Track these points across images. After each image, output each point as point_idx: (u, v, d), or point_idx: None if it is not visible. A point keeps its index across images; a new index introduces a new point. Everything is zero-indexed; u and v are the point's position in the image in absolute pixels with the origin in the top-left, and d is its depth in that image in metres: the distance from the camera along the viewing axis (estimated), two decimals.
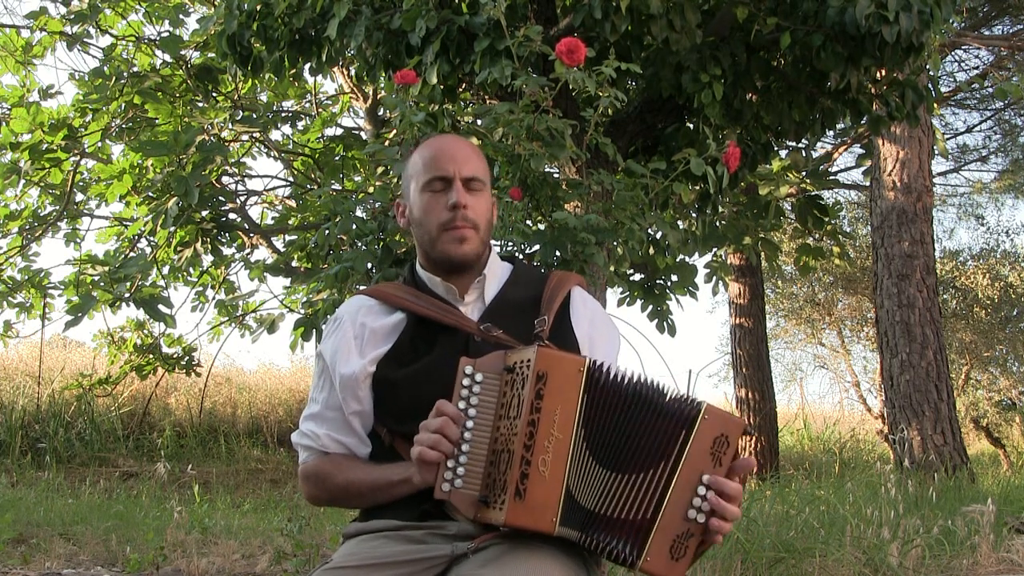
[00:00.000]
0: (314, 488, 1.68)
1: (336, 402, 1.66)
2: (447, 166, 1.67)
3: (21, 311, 7.57)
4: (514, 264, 1.80)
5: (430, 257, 1.71)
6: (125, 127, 7.36)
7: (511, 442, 1.42)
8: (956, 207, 13.88)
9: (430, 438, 1.46)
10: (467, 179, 1.67)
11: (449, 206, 1.65)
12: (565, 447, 1.42)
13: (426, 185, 1.68)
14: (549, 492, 1.40)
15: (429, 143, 1.75)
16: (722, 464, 1.44)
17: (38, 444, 7.79)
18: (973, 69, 10.78)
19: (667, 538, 1.42)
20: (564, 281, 1.74)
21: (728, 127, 4.28)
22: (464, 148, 1.73)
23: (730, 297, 9.27)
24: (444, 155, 1.69)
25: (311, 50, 4.22)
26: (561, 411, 1.42)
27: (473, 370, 1.50)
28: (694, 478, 1.43)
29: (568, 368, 1.44)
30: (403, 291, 1.71)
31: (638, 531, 1.42)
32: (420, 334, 1.65)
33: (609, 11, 3.47)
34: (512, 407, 1.45)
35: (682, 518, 1.43)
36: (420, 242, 1.72)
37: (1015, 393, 12.09)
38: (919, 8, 3.39)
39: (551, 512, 1.40)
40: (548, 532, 1.40)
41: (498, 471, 1.44)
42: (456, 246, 1.66)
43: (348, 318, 1.70)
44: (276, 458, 8.77)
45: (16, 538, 4.44)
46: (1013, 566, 3.58)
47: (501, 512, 1.40)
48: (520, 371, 1.46)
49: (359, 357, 1.65)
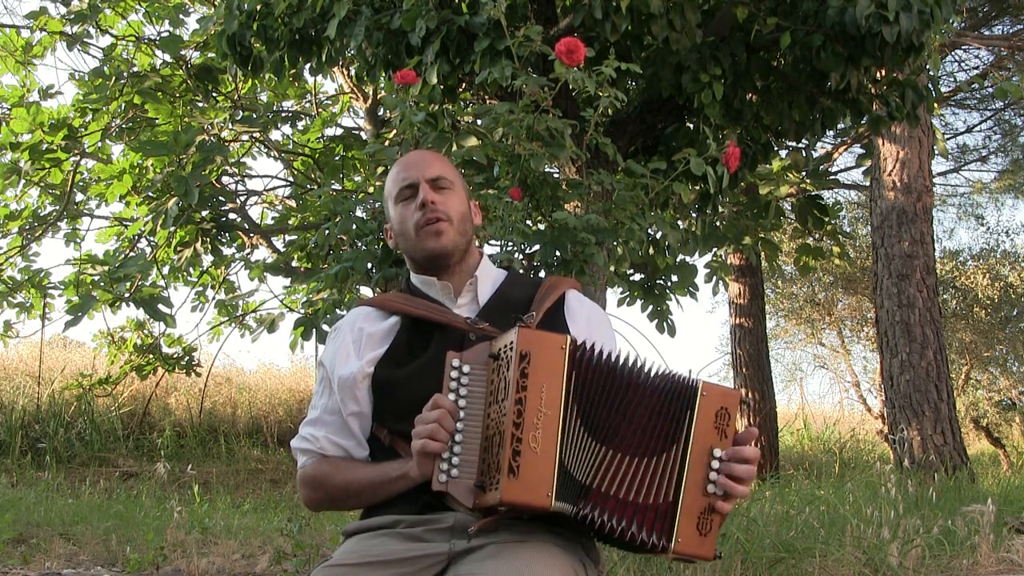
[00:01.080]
0: (313, 491, 1.70)
1: (335, 407, 1.69)
2: (410, 173, 1.76)
3: (21, 311, 7.58)
4: (509, 271, 1.85)
5: (416, 261, 1.77)
6: (125, 127, 7.36)
7: (502, 424, 1.44)
8: (956, 207, 13.89)
9: (428, 429, 1.48)
10: (432, 179, 1.75)
11: (418, 205, 1.72)
12: (555, 422, 1.43)
13: (397, 197, 1.77)
14: (542, 467, 1.41)
15: (396, 163, 1.84)
16: (727, 436, 1.49)
17: (38, 444, 7.78)
18: (973, 69, 10.78)
19: (692, 518, 1.47)
20: (558, 284, 1.77)
21: (728, 127, 4.28)
22: (426, 155, 1.85)
23: (730, 297, 9.27)
24: (407, 165, 1.79)
25: (311, 50, 4.22)
26: (547, 387, 1.43)
27: (460, 362, 1.53)
28: (705, 455, 1.48)
29: (551, 345, 1.45)
30: (398, 297, 1.77)
31: (664, 518, 1.46)
32: (415, 335, 1.69)
33: (609, 11, 3.48)
34: (500, 391, 1.47)
35: (702, 494, 1.47)
36: (406, 251, 1.79)
37: (1015, 393, 12.09)
38: (919, 8, 3.39)
39: (546, 486, 1.41)
40: (544, 506, 1.41)
41: (491, 455, 1.45)
42: (433, 239, 1.71)
43: (347, 326, 1.76)
44: (276, 458, 8.76)
45: (16, 538, 4.44)
46: (1013, 566, 3.57)
47: (497, 492, 1.41)
48: (504, 355, 1.48)
49: (357, 359, 1.69)
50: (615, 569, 3.29)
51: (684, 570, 3.29)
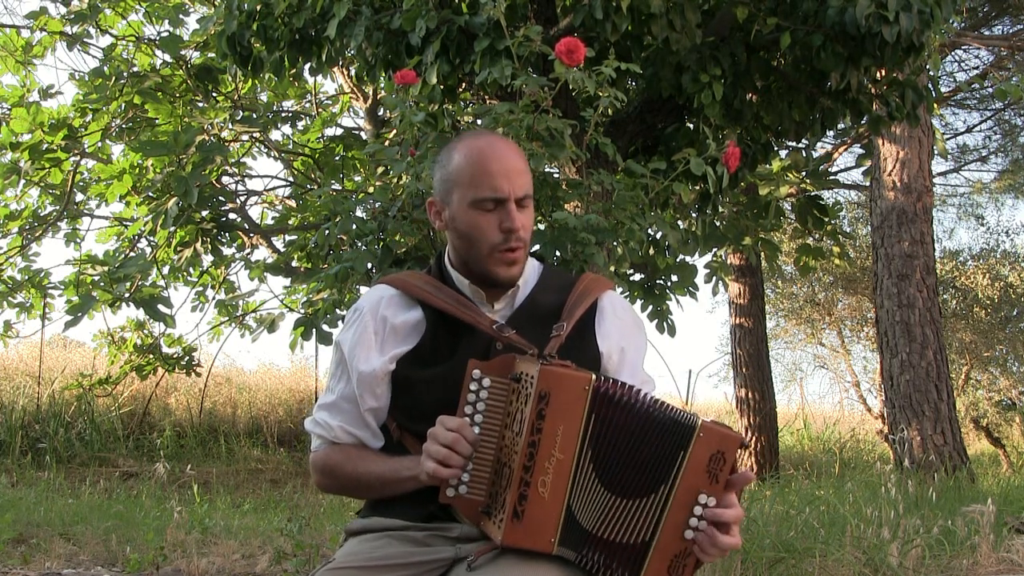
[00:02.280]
0: (324, 477, 1.68)
1: (352, 394, 1.64)
2: (501, 184, 1.56)
3: (21, 311, 7.59)
4: (543, 264, 1.74)
5: (471, 270, 1.63)
6: (125, 127, 7.36)
7: (512, 459, 1.41)
8: (956, 207, 13.90)
9: (442, 453, 1.43)
10: (521, 199, 1.58)
11: (504, 228, 1.57)
12: (567, 467, 1.40)
13: (476, 203, 1.57)
14: (548, 513, 1.39)
15: (477, 147, 1.60)
16: (718, 481, 1.41)
17: (38, 444, 7.78)
18: (973, 69, 10.78)
19: (664, 560, 1.41)
20: (592, 287, 1.68)
21: (728, 127, 4.28)
22: (516, 161, 1.60)
23: (730, 297, 9.27)
24: (498, 171, 1.56)
25: (311, 50, 4.22)
26: (564, 431, 1.39)
27: (481, 374, 1.49)
28: (691, 498, 1.41)
29: (573, 386, 1.40)
30: (425, 282, 1.66)
31: (635, 554, 1.41)
32: (442, 336, 1.62)
33: (610, 11, 3.48)
34: (516, 421, 1.43)
35: (679, 538, 1.42)
36: (461, 253, 1.63)
37: (1015, 393, 12.09)
38: (919, 8, 3.39)
39: (550, 532, 1.39)
40: (547, 551, 1.40)
41: (500, 485, 1.43)
42: (506, 268, 1.60)
43: (369, 310, 1.65)
44: (276, 458, 8.76)
45: (16, 538, 4.44)
46: (1013, 566, 3.57)
47: (499, 530, 1.40)
48: (525, 384, 1.43)
49: (379, 354, 1.62)
50: None
51: None
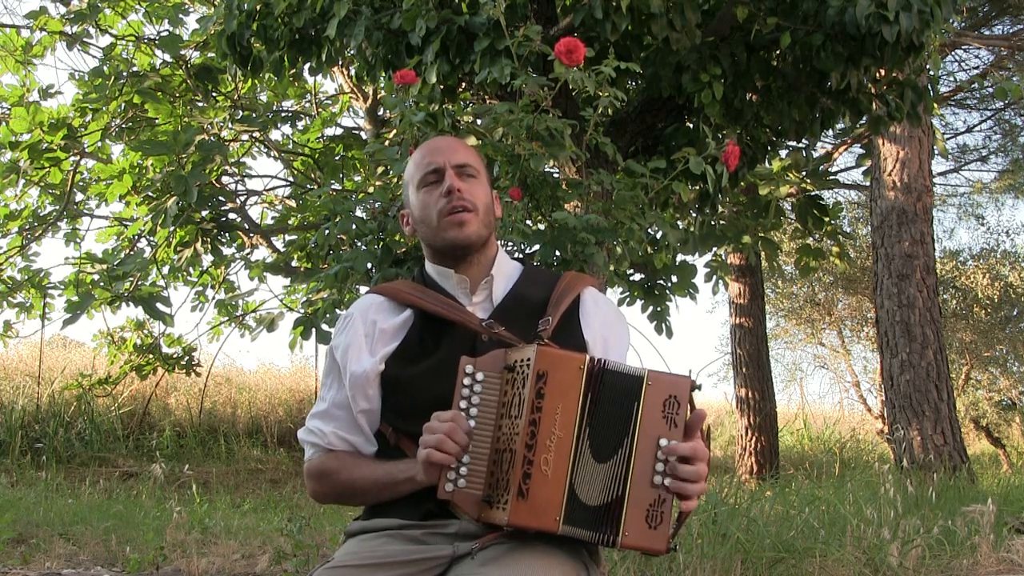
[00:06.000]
0: (319, 485, 1.68)
1: (344, 400, 1.66)
2: (436, 158, 1.71)
3: (21, 311, 7.59)
4: (524, 265, 1.79)
5: (436, 248, 1.72)
6: (125, 127, 7.36)
7: (513, 441, 1.43)
8: (956, 207, 13.91)
9: (435, 439, 1.45)
10: (458, 166, 1.70)
11: (444, 192, 1.67)
12: (568, 445, 1.42)
13: (420, 182, 1.72)
14: (552, 491, 1.40)
15: (420, 147, 1.79)
16: (676, 424, 1.45)
17: (38, 444, 7.78)
18: (973, 69, 10.79)
19: (640, 510, 1.43)
20: (575, 283, 1.72)
21: (728, 127, 4.28)
22: (452, 141, 1.77)
23: (730, 297, 9.27)
24: (432, 150, 1.73)
25: (311, 50, 4.22)
26: (562, 409, 1.42)
27: (474, 369, 1.51)
28: (652, 445, 1.44)
29: (569, 365, 1.44)
30: (411, 288, 1.71)
31: (612, 511, 1.43)
32: (427, 331, 1.65)
33: (609, 11, 3.47)
34: (513, 406, 1.45)
35: (649, 486, 1.43)
36: (425, 238, 1.73)
37: (1015, 393, 12.10)
38: (919, 8, 3.39)
39: (555, 511, 1.40)
40: (552, 531, 1.41)
41: (501, 471, 1.44)
42: (457, 230, 1.66)
43: (359, 315, 1.70)
44: (276, 458, 8.76)
45: (16, 538, 4.44)
46: (1013, 566, 3.57)
47: (504, 512, 1.41)
48: (520, 370, 1.46)
49: (370, 355, 1.65)
50: (615, 569, 3.29)
51: (684, 570, 3.29)
